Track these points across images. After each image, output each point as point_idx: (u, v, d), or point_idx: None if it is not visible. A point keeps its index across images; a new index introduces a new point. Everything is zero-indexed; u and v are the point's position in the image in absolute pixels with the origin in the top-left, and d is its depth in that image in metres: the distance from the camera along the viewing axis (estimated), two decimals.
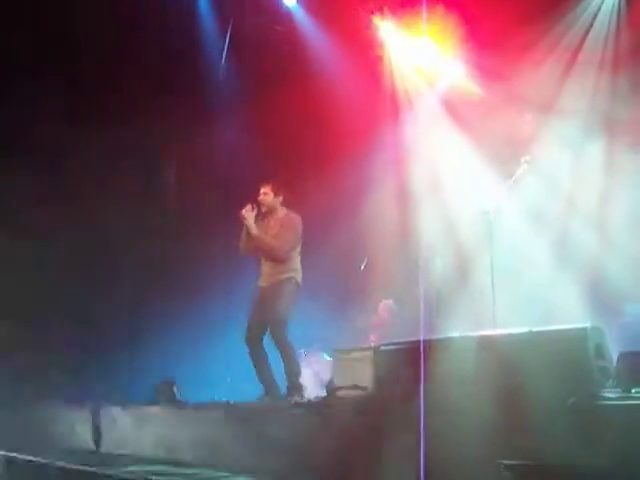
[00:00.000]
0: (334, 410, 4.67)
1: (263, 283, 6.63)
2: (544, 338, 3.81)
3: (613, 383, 3.68)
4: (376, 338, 8.12)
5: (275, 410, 5.53)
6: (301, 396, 6.16)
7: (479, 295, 6.80)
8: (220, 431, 5.39)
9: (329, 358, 7.54)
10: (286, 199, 6.73)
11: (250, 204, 6.57)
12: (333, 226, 8.60)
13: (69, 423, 7.19)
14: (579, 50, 8.00)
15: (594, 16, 8.07)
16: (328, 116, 8.76)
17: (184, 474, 4.78)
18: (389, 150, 8.84)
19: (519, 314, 6.10)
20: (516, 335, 3.98)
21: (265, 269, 6.65)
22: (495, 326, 5.81)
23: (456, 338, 4.22)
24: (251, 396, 6.52)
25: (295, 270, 6.60)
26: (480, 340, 4.12)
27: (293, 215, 6.68)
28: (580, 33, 8.06)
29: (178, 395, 6.96)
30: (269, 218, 6.68)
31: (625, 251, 6.99)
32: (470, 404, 3.75)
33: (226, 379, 8.68)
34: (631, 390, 3.53)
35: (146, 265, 9.51)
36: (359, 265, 9.11)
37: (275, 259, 6.55)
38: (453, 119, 8.66)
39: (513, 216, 7.36)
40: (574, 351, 3.62)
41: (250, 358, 6.46)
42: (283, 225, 6.60)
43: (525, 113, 8.01)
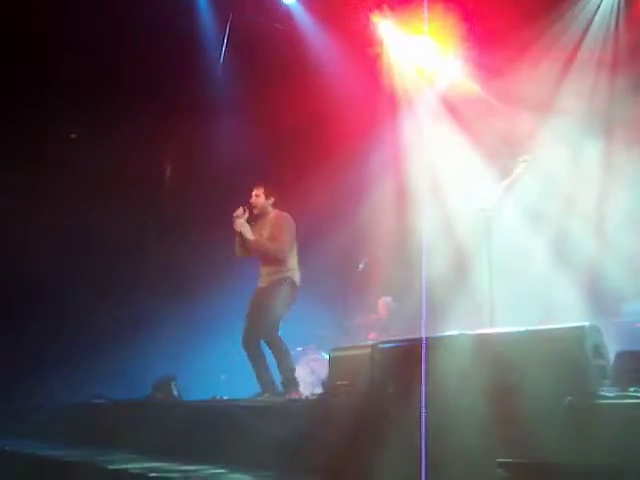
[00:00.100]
0: (331, 407, 4.67)
1: (261, 284, 6.68)
2: (541, 337, 3.80)
3: (610, 382, 3.68)
4: (375, 336, 8.12)
5: (272, 407, 5.54)
6: (297, 393, 6.18)
7: (477, 293, 6.80)
8: (217, 428, 5.40)
9: (327, 356, 7.55)
10: (278, 201, 6.78)
11: (241, 207, 6.61)
12: (332, 224, 8.60)
13: (68, 419, 7.20)
14: (578, 49, 8.01)
15: (593, 15, 8.07)
16: (326, 114, 8.76)
17: (182, 471, 4.78)
18: (388, 148, 8.84)
19: (517, 313, 6.09)
20: (513, 334, 3.97)
21: (262, 270, 6.69)
22: (493, 325, 5.81)
23: (454, 336, 4.22)
24: (248, 394, 6.54)
25: (291, 270, 6.62)
26: (478, 338, 4.12)
27: (283, 214, 6.72)
28: (579, 32, 8.07)
29: (176, 392, 6.98)
30: (262, 220, 6.73)
31: (623, 250, 7.00)
32: (467, 402, 3.76)
33: (220, 376, 8.71)
34: (628, 389, 3.53)
35: (145, 265, 9.54)
36: (358, 264, 9.12)
37: (274, 260, 6.57)
38: (452, 117, 8.66)
39: (511, 215, 7.36)
40: (571, 350, 3.61)
41: (248, 359, 6.48)
42: (275, 225, 6.64)
43: (523, 112, 8.01)
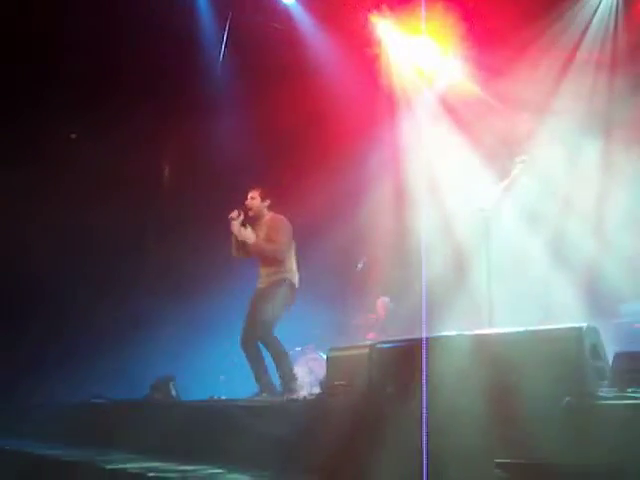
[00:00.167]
0: (329, 407, 4.67)
1: (260, 285, 6.71)
2: (540, 337, 3.80)
3: (608, 383, 3.68)
4: (373, 336, 8.13)
5: (270, 407, 5.54)
6: (296, 393, 6.19)
7: (475, 294, 6.81)
8: (215, 428, 5.40)
9: (325, 356, 7.55)
10: (274, 203, 6.81)
11: (237, 210, 6.64)
12: (330, 224, 8.60)
13: (67, 419, 7.20)
14: (577, 49, 8.01)
15: (592, 15, 8.07)
16: (325, 114, 8.76)
17: (180, 471, 4.78)
18: (386, 148, 8.84)
19: (515, 313, 6.11)
20: (512, 334, 3.98)
21: (262, 271, 6.73)
22: (491, 325, 5.81)
23: (452, 337, 4.22)
24: (247, 393, 6.55)
25: (289, 271, 6.65)
26: (476, 339, 4.12)
27: (279, 217, 6.76)
28: (578, 32, 8.07)
29: (174, 392, 6.98)
30: (257, 222, 6.76)
31: (621, 251, 7.01)
32: (465, 403, 3.76)
33: (219, 377, 8.70)
34: (626, 390, 3.54)
35: (144, 265, 9.53)
36: (356, 264, 9.12)
37: (272, 261, 6.59)
38: (451, 118, 8.66)
39: (510, 215, 7.36)
40: (570, 351, 3.61)
41: (246, 359, 6.49)
42: (271, 227, 6.68)
43: (522, 112, 8.01)
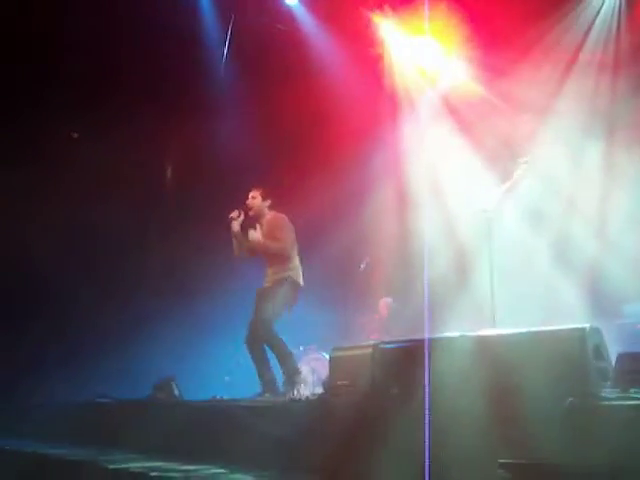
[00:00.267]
0: (331, 408, 4.67)
1: (266, 284, 6.74)
2: (543, 338, 3.81)
3: (611, 384, 3.68)
4: (377, 336, 8.13)
5: (272, 407, 5.55)
6: (298, 393, 6.19)
7: (478, 294, 6.81)
8: (218, 428, 5.40)
9: (328, 356, 7.55)
10: (275, 203, 6.84)
11: (237, 209, 6.67)
12: (334, 224, 8.61)
13: (70, 418, 7.21)
14: (579, 50, 8.00)
15: (594, 16, 8.07)
16: (328, 114, 8.76)
17: (182, 470, 4.78)
18: (390, 148, 8.84)
19: (518, 314, 6.10)
20: (515, 335, 3.98)
21: (268, 270, 6.77)
22: (494, 326, 5.82)
23: (455, 337, 4.22)
24: (249, 393, 6.55)
25: (293, 269, 6.67)
26: (479, 340, 4.12)
27: (280, 215, 6.79)
28: (581, 33, 8.06)
29: (176, 392, 6.98)
30: (258, 222, 6.78)
31: (624, 252, 7.00)
32: (468, 403, 3.76)
33: (224, 378, 8.70)
34: (629, 391, 3.54)
35: (147, 264, 9.53)
36: (359, 264, 9.13)
37: (277, 260, 6.62)
38: (454, 118, 8.66)
39: (512, 216, 7.36)
40: (573, 351, 3.62)
41: (250, 358, 6.51)
42: (273, 225, 6.71)
43: (525, 113, 8.01)
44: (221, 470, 4.75)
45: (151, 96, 9.17)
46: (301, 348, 8.45)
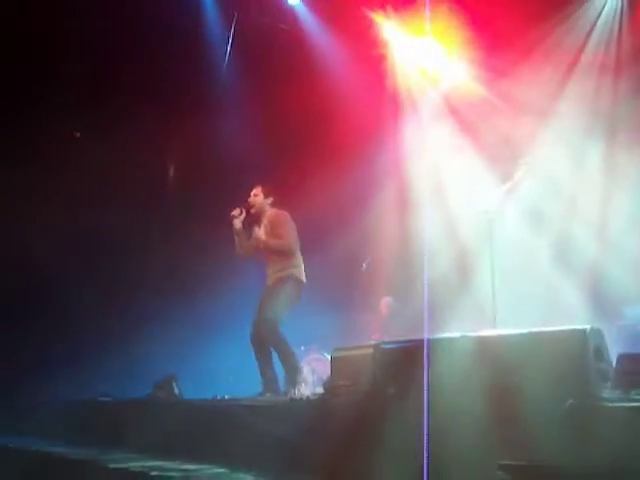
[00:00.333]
0: (332, 408, 4.68)
1: (269, 282, 6.74)
2: (543, 339, 3.81)
3: (612, 385, 3.68)
4: (378, 336, 8.13)
5: (273, 406, 5.55)
6: (300, 393, 6.20)
7: (479, 295, 6.81)
8: (218, 427, 5.41)
9: (329, 356, 7.56)
10: (277, 201, 6.84)
11: (238, 207, 6.68)
12: (336, 224, 8.62)
13: (72, 417, 7.22)
14: (581, 52, 8.00)
15: (596, 18, 8.07)
16: (330, 114, 8.77)
17: (182, 470, 4.79)
18: (392, 148, 8.84)
19: (519, 315, 6.11)
20: (515, 336, 3.98)
21: (269, 269, 6.76)
22: (495, 326, 5.82)
23: (455, 338, 4.22)
24: (251, 393, 6.55)
25: (295, 266, 6.67)
26: (480, 340, 4.12)
27: (281, 212, 6.80)
28: (582, 35, 8.06)
29: (177, 391, 6.99)
30: (259, 219, 6.78)
31: (625, 253, 7.00)
32: (468, 404, 3.76)
33: (229, 378, 8.70)
34: (630, 392, 3.54)
35: (150, 264, 9.54)
36: (361, 264, 9.13)
37: (280, 257, 6.63)
38: (455, 119, 8.66)
39: (513, 217, 7.37)
40: (573, 352, 3.62)
41: (254, 355, 6.52)
42: (275, 223, 6.72)
43: (526, 114, 8.01)
44: (221, 469, 4.75)
45: (153, 95, 9.17)
46: (302, 348, 8.45)
